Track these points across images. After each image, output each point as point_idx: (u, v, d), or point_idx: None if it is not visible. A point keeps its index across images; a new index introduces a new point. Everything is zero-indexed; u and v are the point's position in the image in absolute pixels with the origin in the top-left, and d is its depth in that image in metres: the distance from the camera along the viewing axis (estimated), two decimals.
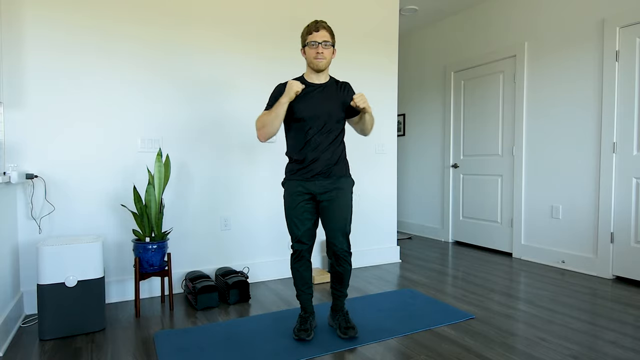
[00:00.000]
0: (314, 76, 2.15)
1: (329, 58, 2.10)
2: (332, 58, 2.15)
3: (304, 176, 2.11)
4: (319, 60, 2.06)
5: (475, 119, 4.54)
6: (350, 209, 2.15)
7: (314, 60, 2.07)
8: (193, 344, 2.09)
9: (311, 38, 2.05)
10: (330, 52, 2.09)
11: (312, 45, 2.05)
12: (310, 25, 2.07)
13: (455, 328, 2.29)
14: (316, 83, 2.15)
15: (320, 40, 2.04)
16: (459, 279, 3.31)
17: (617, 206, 3.26)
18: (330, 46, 2.07)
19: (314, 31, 2.05)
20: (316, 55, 2.05)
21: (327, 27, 2.08)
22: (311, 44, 2.05)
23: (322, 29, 2.05)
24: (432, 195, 5.16)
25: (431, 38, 5.14)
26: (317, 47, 2.04)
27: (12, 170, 2.21)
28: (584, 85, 3.47)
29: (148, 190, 2.52)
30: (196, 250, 3.04)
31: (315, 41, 2.04)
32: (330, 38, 2.07)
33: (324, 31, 2.05)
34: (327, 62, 2.10)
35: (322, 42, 2.04)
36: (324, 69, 2.11)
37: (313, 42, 2.04)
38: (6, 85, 2.48)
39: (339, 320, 2.21)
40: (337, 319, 2.23)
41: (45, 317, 2.16)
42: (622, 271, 3.23)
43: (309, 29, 2.06)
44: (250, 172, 3.23)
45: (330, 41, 2.07)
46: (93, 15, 2.68)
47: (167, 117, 2.92)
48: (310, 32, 2.05)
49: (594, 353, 1.99)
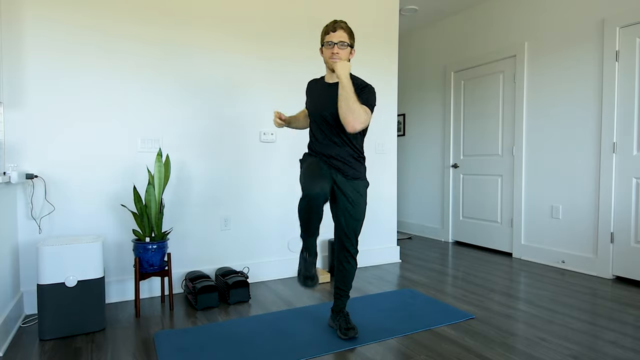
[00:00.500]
0: (329, 76, 2.17)
1: (345, 58, 2.08)
2: (351, 57, 2.13)
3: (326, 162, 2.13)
4: (333, 60, 2.06)
5: (475, 119, 4.54)
6: (364, 213, 2.19)
7: (329, 60, 2.08)
8: (193, 344, 2.09)
9: (328, 38, 2.06)
10: (346, 52, 2.08)
11: (328, 46, 2.06)
12: (328, 25, 2.08)
13: (455, 328, 2.29)
14: (330, 82, 2.16)
15: (337, 40, 2.05)
16: (459, 279, 3.31)
17: (617, 206, 3.26)
18: (347, 46, 2.07)
19: (331, 31, 2.06)
20: (331, 55, 2.06)
21: (346, 27, 2.07)
22: (327, 44, 2.06)
23: (340, 29, 2.06)
24: (432, 195, 5.16)
25: (431, 38, 5.14)
26: (332, 48, 2.05)
27: (12, 170, 2.21)
28: (584, 85, 3.47)
29: (148, 190, 2.52)
30: (196, 250, 3.05)
31: (332, 41, 2.05)
32: (347, 39, 2.07)
33: (342, 31, 2.06)
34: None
35: (338, 43, 2.05)
36: None
37: (329, 42, 2.05)
38: (6, 85, 2.48)
39: (339, 322, 2.21)
40: (338, 320, 2.23)
41: (45, 317, 2.16)
42: (622, 271, 3.23)
43: (327, 29, 2.08)
44: (250, 172, 3.23)
45: (347, 42, 2.06)
46: (93, 15, 2.68)
47: (167, 117, 2.92)
48: (328, 32, 2.07)
49: (594, 353, 1.99)
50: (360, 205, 2.15)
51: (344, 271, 2.20)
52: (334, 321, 2.26)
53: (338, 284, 2.24)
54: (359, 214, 2.15)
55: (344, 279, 2.22)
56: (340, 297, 2.25)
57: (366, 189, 2.20)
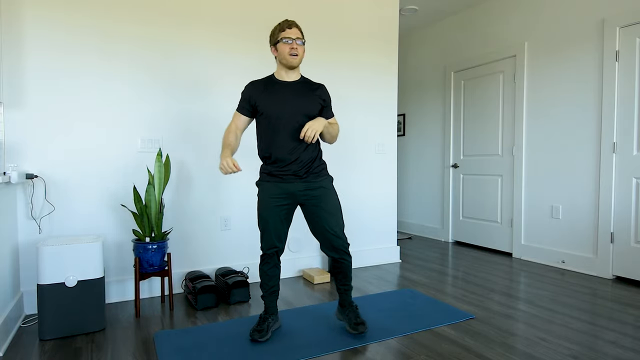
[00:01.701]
0: (285, 74, 2.14)
1: (302, 55, 2.10)
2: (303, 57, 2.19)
3: (281, 177, 2.11)
4: (292, 56, 2.06)
5: (475, 119, 4.54)
6: (339, 204, 2.19)
7: (287, 57, 2.06)
8: (193, 344, 2.09)
9: (284, 35, 2.06)
10: (303, 49, 2.11)
11: (286, 42, 2.05)
12: (282, 23, 2.09)
13: (455, 328, 2.29)
14: (287, 80, 2.14)
15: (294, 36, 2.06)
16: (459, 279, 3.31)
17: (617, 206, 3.26)
18: (303, 43, 2.10)
19: (286, 28, 2.07)
20: (290, 50, 2.06)
21: (298, 26, 2.11)
22: (285, 40, 2.05)
23: (295, 26, 2.08)
24: (432, 195, 5.16)
25: (431, 38, 5.14)
26: (291, 44, 2.05)
27: (12, 170, 2.21)
28: (584, 85, 3.47)
29: (148, 190, 2.52)
30: (196, 250, 3.05)
31: (290, 37, 2.05)
32: (302, 36, 2.10)
33: (297, 29, 2.08)
34: (300, 59, 2.10)
35: (296, 39, 2.06)
36: (297, 65, 2.10)
37: (287, 39, 2.05)
38: (6, 85, 2.48)
39: (349, 315, 2.23)
40: (348, 313, 2.24)
41: (45, 317, 2.16)
42: (622, 271, 3.23)
43: (281, 27, 2.08)
44: (250, 172, 3.23)
45: (302, 39, 2.10)
46: (93, 16, 2.68)
47: (167, 117, 2.92)
48: (283, 29, 2.07)
49: (594, 353, 1.99)
50: (332, 198, 2.15)
51: (342, 268, 2.21)
52: (343, 315, 2.27)
53: (340, 281, 2.25)
54: (333, 207, 2.14)
55: (344, 275, 2.23)
56: (346, 291, 2.26)
57: (331, 183, 2.20)
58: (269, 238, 2.12)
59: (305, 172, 2.11)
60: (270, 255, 2.15)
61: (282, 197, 2.11)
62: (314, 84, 2.20)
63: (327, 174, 2.21)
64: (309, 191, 2.12)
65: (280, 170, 2.10)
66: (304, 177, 2.11)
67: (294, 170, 2.09)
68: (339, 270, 2.22)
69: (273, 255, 2.15)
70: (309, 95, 2.13)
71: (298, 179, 2.10)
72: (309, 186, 2.12)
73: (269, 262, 2.16)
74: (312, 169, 2.13)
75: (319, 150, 2.19)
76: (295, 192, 2.11)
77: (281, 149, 2.08)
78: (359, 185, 3.71)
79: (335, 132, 2.21)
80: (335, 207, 2.15)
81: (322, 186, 2.14)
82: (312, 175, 2.13)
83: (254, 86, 2.13)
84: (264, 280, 2.19)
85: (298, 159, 2.09)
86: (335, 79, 3.57)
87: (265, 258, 2.16)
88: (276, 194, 2.10)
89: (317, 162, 2.16)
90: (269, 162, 2.13)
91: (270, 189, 2.11)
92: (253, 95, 2.11)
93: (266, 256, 2.15)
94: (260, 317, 2.22)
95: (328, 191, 2.15)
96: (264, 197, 2.13)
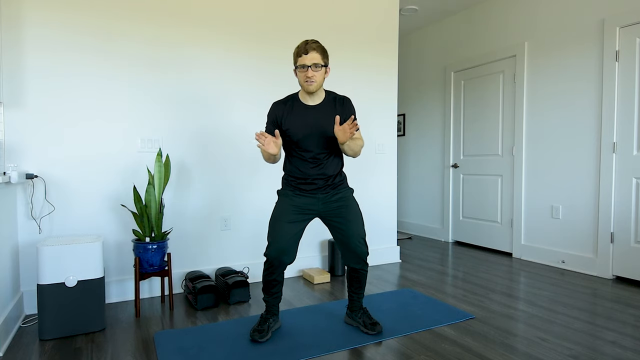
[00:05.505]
0: (307, 97, 2.11)
1: (320, 80, 2.03)
2: (326, 77, 2.12)
3: (304, 190, 2.13)
4: (308, 84, 2.01)
5: (475, 119, 4.54)
6: (361, 214, 2.19)
7: (304, 84, 2.02)
8: (193, 344, 2.09)
9: (300, 61, 1.99)
10: (321, 73, 2.02)
11: (301, 69, 2.00)
12: (300, 46, 2.00)
13: (455, 328, 2.29)
14: (310, 104, 2.11)
15: (310, 63, 1.97)
16: (459, 279, 3.31)
17: (617, 206, 3.26)
18: (322, 67, 2.01)
19: (303, 53, 1.98)
20: (306, 79, 2.00)
21: (318, 47, 1.99)
22: (300, 67, 1.99)
23: (312, 50, 1.97)
24: (432, 195, 5.16)
25: (431, 38, 5.14)
26: (306, 71, 1.98)
27: (12, 170, 2.21)
28: (584, 85, 3.47)
29: (148, 190, 2.52)
30: (196, 250, 3.04)
31: (305, 64, 1.97)
32: (320, 59, 1.99)
33: (314, 53, 1.97)
34: (318, 85, 2.03)
35: (312, 65, 1.97)
36: (314, 90, 2.04)
37: (302, 66, 1.98)
38: (6, 85, 2.48)
39: (361, 318, 2.26)
40: (360, 317, 2.27)
41: (45, 317, 2.16)
42: (622, 271, 3.23)
43: (298, 51, 2.00)
44: (250, 172, 3.23)
45: (320, 62, 1.99)
46: (93, 15, 2.68)
47: (167, 117, 2.92)
48: (300, 55, 1.99)
49: (594, 353, 1.99)
50: (353, 208, 2.16)
51: (360, 277, 2.24)
52: (355, 319, 2.29)
53: (355, 288, 2.27)
54: (355, 217, 2.15)
55: (360, 282, 2.26)
56: (359, 298, 2.29)
57: (352, 194, 2.22)
58: (277, 245, 2.08)
59: (328, 186, 2.14)
60: (275, 266, 2.11)
61: (301, 208, 2.13)
62: (338, 100, 2.14)
63: (348, 186, 2.23)
64: (331, 203, 2.14)
65: (304, 184, 2.13)
66: (325, 191, 2.14)
67: (318, 185, 2.12)
68: (357, 279, 2.25)
69: (278, 266, 2.11)
70: (331, 114, 2.10)
71: (320, 191, 2.13)
72: (331, 198, 2.14)
73: (273, 272, 2.14)
74: (334, 183, 2.16)
75: (341, 164, 2.21)
76: (316, 205, 2.14)
77: (306, 169, 2.11)
78: (359, 185, 3.71)
79: (358, 148, 2.09)
80: (357, 216, 2.16)
81: (343, 197, 2.16)
82: (334, 188, 2.16)
83: (278, 107, 2.12)
84: (268, 287, 2.19)
85: (321, 174, 2.12)
86: (336, 78, 3.57)
87: (270, 268, 2.12)
88: (297, 203, 2.12)
89: (339, 178, 2.18)
90: (291, 177, 2.16)
91: (292, 198, 2.14)
92: (278, 115, 2.11)
93: (272, 266, 2.12)
94: (261, 316, 2.23)
95: (349, 201, 2.16)
96: (283, 204, 2.14)
